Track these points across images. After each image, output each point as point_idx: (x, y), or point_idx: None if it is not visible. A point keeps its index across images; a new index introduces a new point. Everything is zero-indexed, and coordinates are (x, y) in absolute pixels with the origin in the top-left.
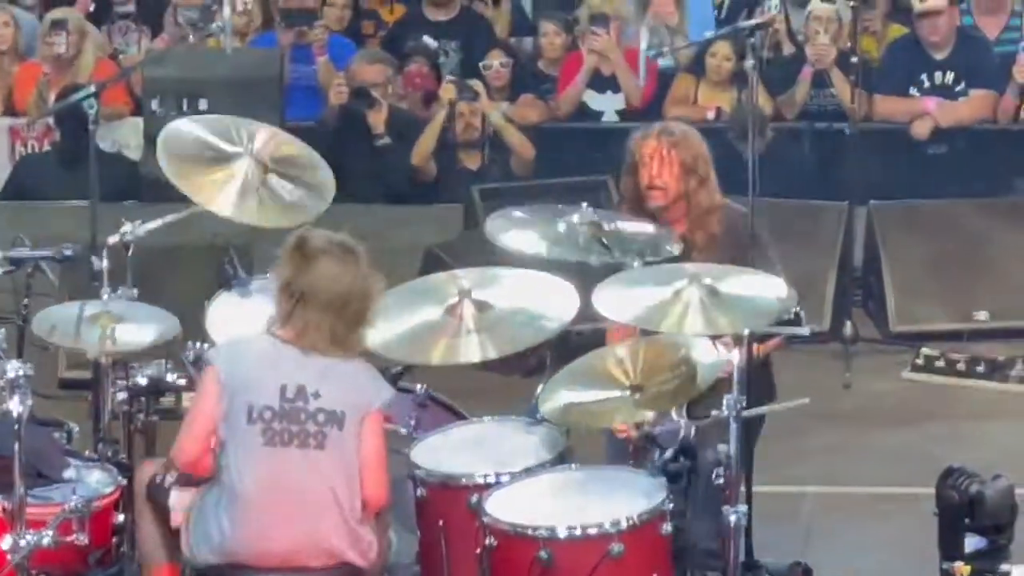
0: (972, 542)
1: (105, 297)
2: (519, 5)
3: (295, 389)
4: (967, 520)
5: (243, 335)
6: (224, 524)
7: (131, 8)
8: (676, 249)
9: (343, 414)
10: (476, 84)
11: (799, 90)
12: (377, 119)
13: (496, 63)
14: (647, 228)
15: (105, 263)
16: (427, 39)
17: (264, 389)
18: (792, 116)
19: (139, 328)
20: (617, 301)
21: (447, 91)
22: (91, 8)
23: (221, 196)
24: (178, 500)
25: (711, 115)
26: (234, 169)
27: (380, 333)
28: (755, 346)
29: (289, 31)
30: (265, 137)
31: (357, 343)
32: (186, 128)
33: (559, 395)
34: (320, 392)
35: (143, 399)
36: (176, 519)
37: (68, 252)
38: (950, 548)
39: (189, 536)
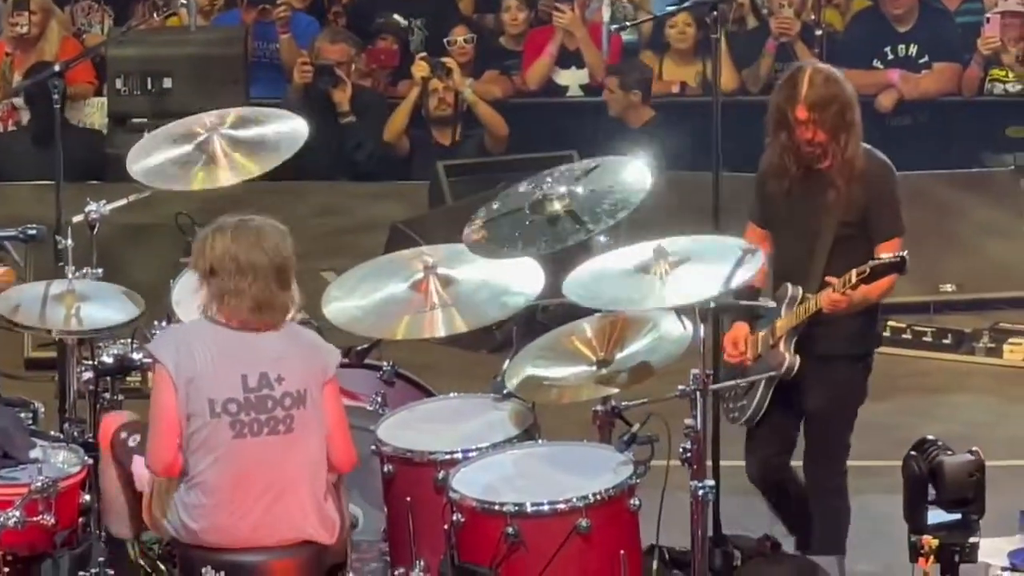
0: (935, 515)
1: (70, 277)
2: None
3: (257, 377)
4: (931, 492)
5: (180, 325)
6: (196, 515)
7: None
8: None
9: (306, 392)
10: (449, 61)
11: (763, 63)
12: (341, 97)
13: (460, 39)
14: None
15: (70, 242)
16: (397, 16)
17: (222, 381)
18: (757, 89)
19: (104, 307)
20: (587, 287)
21: (420, 68)
22: None
23: (214, 175)
24: (142, 468)
25: (676, 89)
26: (210, 151)
27: (346, 309)
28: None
29: (252, 9)
30: (219, 113)
31: (287, 307)
32: (152, 160)
33: (525, 370)
34: (282, 375)
35: (109, 378)
36: (140, 484)
37: (32, 232)
38: (914, 520)
39: (153, 512)
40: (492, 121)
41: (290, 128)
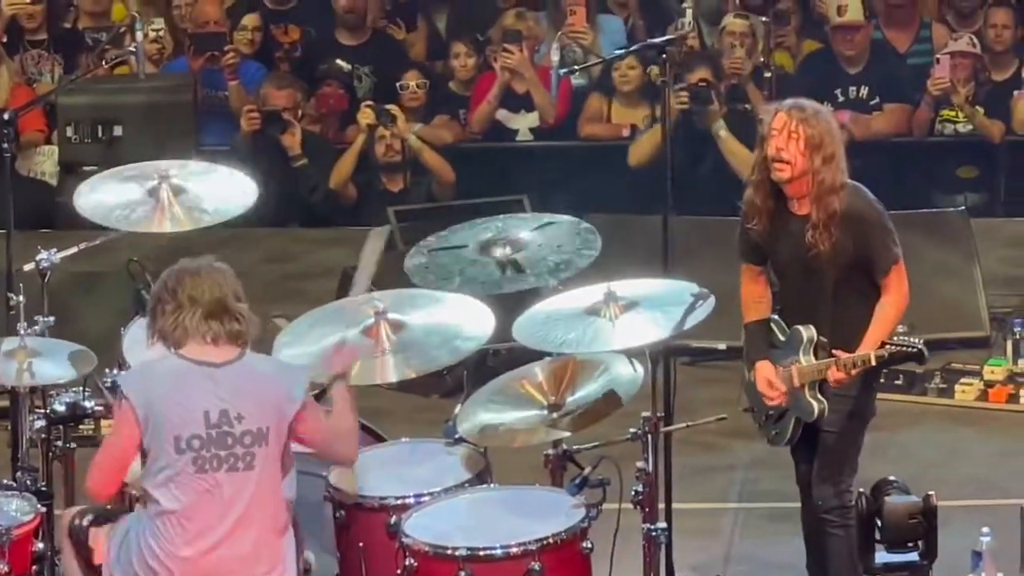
0: (881, 556)
1: (21, 332)
2: (435, 29)
3: (218, 414)
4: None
5: (150, 360)
6: (157, 551)
7: (43, 37)
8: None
9: (267, 430)
10: (393, 108)
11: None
12: (291, 141)
13: (412, 84)
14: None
15: (22, 299)
16: (340, 61)
17: (188, 418)
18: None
19: (56, 363)
20: (538, 331)
21: (365, 116)
22: (4, 39)
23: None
24: (99, 535)
25: (626, 132)
26: (158, 198)
27: (297, 355)
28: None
29: (200, 56)
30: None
31: (240, 335)
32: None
33: (477, 415)
34: (242, 414)
35: (61, 427)
36: (98, 557)
37: None
38: (863, 559)
39: (111, 566)
40: (438, 167)
41: (238, 194)
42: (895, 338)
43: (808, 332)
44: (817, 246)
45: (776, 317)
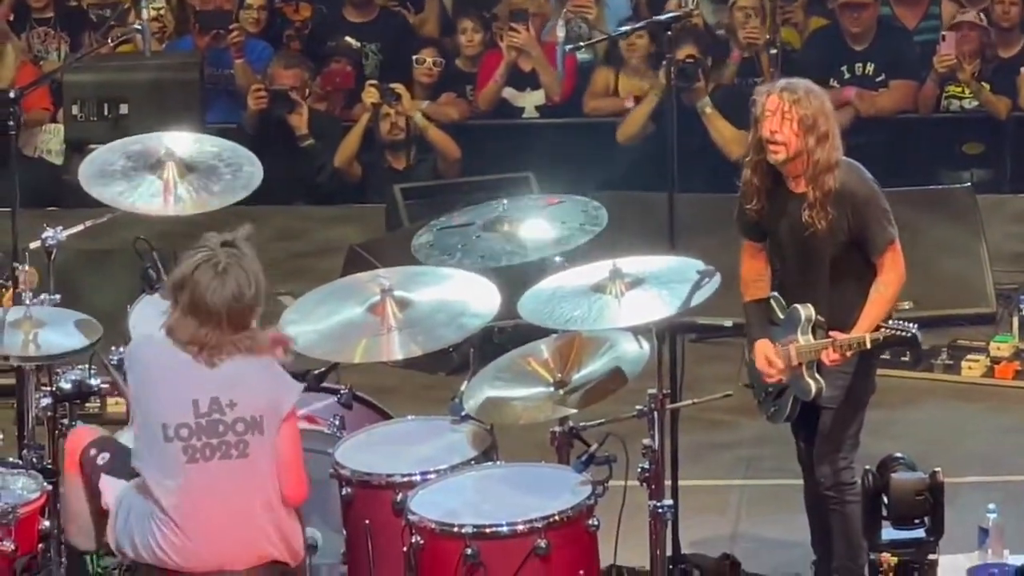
0: (888, 532)
1: (27, 303)
2: (444, 8)
3: (208, 402)
4: (884, 509)
5: (142, 342)
6: (157, 536)
7: (50, 14)
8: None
9: (262, 419)
10: (398, 87)
11: (726, 72)
12: (299, 121)
13: (429, 60)
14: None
15: (27, 267)
16: (349, 39)
17: (176, 406)
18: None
19: (62, 333)
20: (544, 309)
21: (370, 94)
22: (11, 17)
23: (156, 200)
24: (108, 487)
25: (629, 104)
26: (162, 174)
27: (303, 332)
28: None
29: (205, 34)
30: (179, 138)
31: (254, 340)
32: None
33: (483, 392)
34: (235, 401)
35: (67, 404)
36: (106, 501)
37: None
38: (868, 536)
39: (117, 533)
40: (444, 145)
41: (243, 175)
42: (892, 320)
43: (806, 311)
44: (814, 224)
45: (776, 295)
